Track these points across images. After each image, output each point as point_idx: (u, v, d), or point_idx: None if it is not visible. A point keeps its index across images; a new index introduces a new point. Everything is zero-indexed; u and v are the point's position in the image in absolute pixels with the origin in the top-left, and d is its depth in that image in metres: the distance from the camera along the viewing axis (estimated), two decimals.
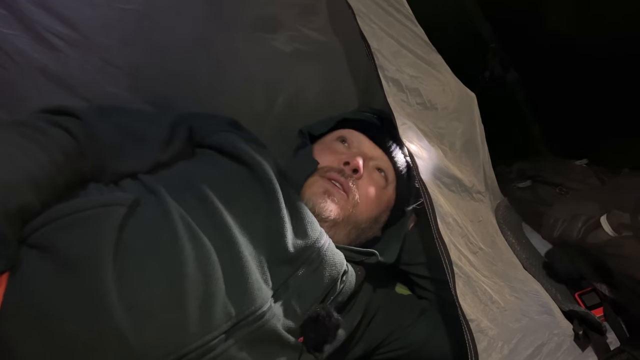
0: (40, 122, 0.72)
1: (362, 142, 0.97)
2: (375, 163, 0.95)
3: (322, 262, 0.78)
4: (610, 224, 0.80)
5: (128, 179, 0.79)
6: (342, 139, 0.98)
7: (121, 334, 0.57)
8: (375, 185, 0.93)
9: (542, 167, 1.14)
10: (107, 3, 0.83)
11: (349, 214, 0.87)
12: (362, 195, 0.89)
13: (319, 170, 0.90)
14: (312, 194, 0.86)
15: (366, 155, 0.94)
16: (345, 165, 0.90)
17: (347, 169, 0.89)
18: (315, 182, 0.88)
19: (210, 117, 0.92)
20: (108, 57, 0.90)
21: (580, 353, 0.76)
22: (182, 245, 0.65)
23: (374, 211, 0.93)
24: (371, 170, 0.94)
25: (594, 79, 1.12)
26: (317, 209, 0.84)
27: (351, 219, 0.88)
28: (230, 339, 0.64)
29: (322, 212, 0.84)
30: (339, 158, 0.92)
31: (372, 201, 0.92)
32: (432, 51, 0.87)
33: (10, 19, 0.82)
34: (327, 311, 0.74)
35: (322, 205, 0.84)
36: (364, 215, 0.90)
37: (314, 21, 0.98)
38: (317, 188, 0.87)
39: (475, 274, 0.77)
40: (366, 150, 0.95)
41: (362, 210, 0.90)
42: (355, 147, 0.96)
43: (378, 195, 0.93)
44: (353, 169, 0.89)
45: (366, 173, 0.92)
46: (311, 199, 0.85)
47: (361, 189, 0.90)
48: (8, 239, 0.59)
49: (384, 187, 0.96)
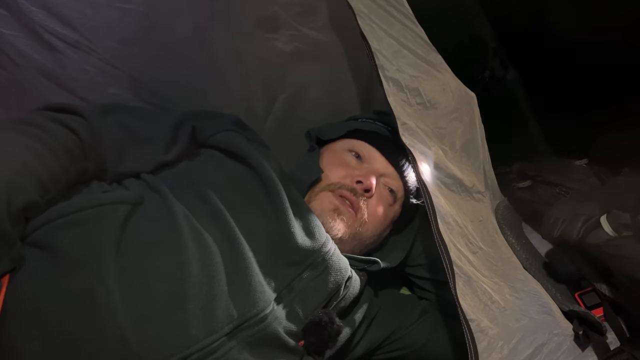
0: (43, 120, 0.72)
1: (375, 158, 0.93)
2: (386, 180, 0.93)
3: (327, 267, 0.77)
4: (610, 224, 0.80)
5: (131, 178, 0.79)
6: (355, 153, 0.94)
7: (122, 334, 0.56)
8: (383, 204, 0.91)
9: (542, 167, 1.14)
10: (107, 3, 0.83)
11: (356, 232, 0.86)
12: (370, 213, 0.88)
13: (330, 184, 0.88)
14: (323, 211, 0.84)
15: (378, 173, 0.91)
16: (358, 184, 0.87)
17: (359, 188, 0.87)
18: (326, 198, 0.86)
19: (214, 116, 0.91)
20: (108, 58, 0.90)
21: (580, 353, 0.76)
22: (185, 245, 0.64)
23: (379, 229, 0.92)
24: (382, 187, 0.92)
25: (594, 78, 1.12)
26: (326, 227, 0.82)
27: (357, 236, 0.87)
28: (232, 341, 0.63)
29: (330, 230, 0.82)
30: (351, 174, 0.89)
31: (379, 220, 0.90)
32: (432, 51, 0.87)
33: (10, 19, 0.82)
34: (330, 317, 0.73)
35: (332, 225, 0.83)
36: (369, 232, 0.89)
37: (314, 21, 0.98)
38: (327, 205, 0.85)
39: (475, 274, 0.77)
40: (378, 167, 0.92)
41: (369, 228, 0.88)
42: (367, 162, 0.93)
43: (385, 213, 0.91)
44: (365, 189, 0.87)
45: (377, 191, 0.90)
46: (321, 215, 0.83)
47: (370, 207, 0.88)
48: (12, 239, 0.59)
49: (392, 204, 0.94)
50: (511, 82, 1.36)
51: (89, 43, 0.87)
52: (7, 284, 0.58)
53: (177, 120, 0.87)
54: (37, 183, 0.64)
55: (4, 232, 0.57)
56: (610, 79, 1.09)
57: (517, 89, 1.37)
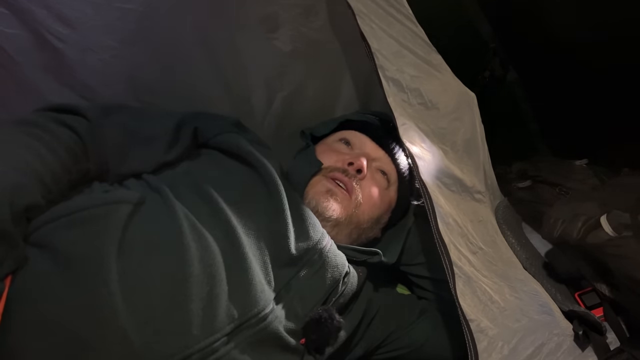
0: (45, 120, 0.72)
1: (365, 143, 0.97)
2: (378, 164, 0.95)
3: (324, 264, 0.78)
4: (610, 224, 0.80)
5: (132, 178, 0.79)
6: (345, 140, 0.98)
7: (125, 335, 0.56)
8: (377, 186, 0.93)
9: (542, 167, 1.14)
10: (108, 3, 0.83)
11: (352, 214, 0.87)
12: (364, 195, 0.89)
13: (322, 170, 0.90)
14: (316, 194, 0.86)
15: (369, 157, 0.94)
16: (349, 166, 0.90)
17: (350, 169, 0.89)
18: (318, 182, 0.88)
19: (215, 118, 0.92)
20: (108, 58, 0.90)
21: (580, 353, 0.76)
22: (187, 245, 0.64)
23: (375, 212, 0.93)
24: (374, 171, 0.94)
25: (594, 78, 1.12)
26: (320, 208, 0.84)
27: (353, 219, 0.88)
28: (232, 341, 0.63)
29: (325, 211, 0.84)
30: (342, 158, 0.92)
31: (374, 202, 0.92)
32: (432, 51, 0.87)
33: (10, 18, 0.82)
34: (329, 313, 0.74)
35: (325, 205, 0.84)
36: (365, 215, 0.90)
37: (314, 21, 0.98)
38: (320, 187, 0.87)
39: (475, 274, 0.77)
40: (369, 152, 0.95)
41: (365, 210, 0.90)
42: (358, 148, 0.96)
43: (380, 196, 0.93)
44: (357, 169, 0.89)
45: (369, 174, 0.92)
46: (314, 198, 0.85)
47: (364, 189, 0.90)
48: (15, 239, 0.59)
49: (386, 188, 0.96)
50: (511, 82, 1.36)
51: (89, 43, 0.87)
52: (10, 284, 0.57)
53: (179, 121, 0.87)
54: (39, 183, 0.64)
55: (8, 232, 0.57)
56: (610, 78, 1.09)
57: (517, 89, 1.37)
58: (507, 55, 1.31)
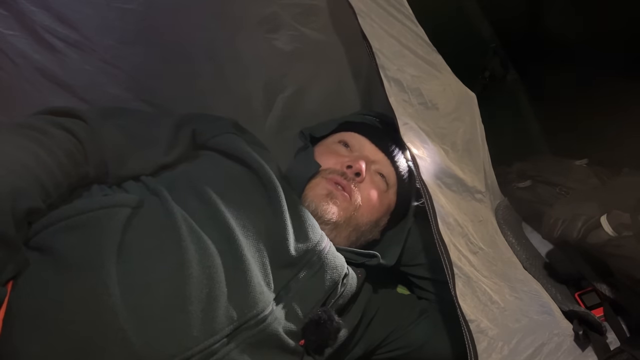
0: (45, 124, 0.72)
1: (364, 145, 0.96)
2: (377, 167, 0.95)
3: (322, 265, 0.78)
4: (610, 224, 0.80)
5: (131, 181, 0.79)
6: (344, 142, 0.97)
7: (125, 336, 0.57)
8: (376, 188, 0.93)
9: (542, 167, 1.13)
10: (107, 3, 0.83)
11: (351, 217, 0.87)
12: (363, 198, 0.89)
13: (321, 172, 0.89)
14: (315, 196, 0.86)
15: (368, 159, 0.94)
16: (348, 169, 0.90)
17: (349, 172, 0.89)
18: (317, 184, 0.88)
19: (213, 119, 0.92)
20: (108, 58, 0.90)
21: (580, 353, 0.76)
22: (186, 247, 0.65)
23: (374, 214, 0.93)
24: (373, 174, 0.94)
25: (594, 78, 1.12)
26: (320, 211, 0.84)
27: (352, 221, 0.88)
28: (232, 343, 0.64)
29: (324, 214, 0.84)
30: (341, 161, 0.91)
31: (373, 204, 0.92)
32: (432, 51, 0.87)
33: (10, 19, 0.82)
34: (329, 314, 0.74)
35: (325, 208, 0.84)
36: (365, 218, 0.90)
37: (315, 21, 0.98)
38: (319, 190, 0.87)
39: (475, 275, 0.77)
40: (368, 154, 0.95)
41: (364, 213, 0.90)
42: (357, 150, 0.96)
43: (379, 198, 0.93)
44: (356, 172, 0.89)
45: (368, 176, 0.92)
46: (313, 201, 0.85)
47: (363, 192, 0.90)
48: (17, 244, 0.59)
49: (385, 190, 0.96)
50: (511, 82, 1.36)
51: (89, 43, 0.87)
52: (11, 288, 0.58)
53: (177, 123, 0.87)
54: (40, 188, 0.64)
55: (10, 237, 0.57)
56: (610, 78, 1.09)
57: (517, 89, 1.37)
58: (507, 55, 1.31)
